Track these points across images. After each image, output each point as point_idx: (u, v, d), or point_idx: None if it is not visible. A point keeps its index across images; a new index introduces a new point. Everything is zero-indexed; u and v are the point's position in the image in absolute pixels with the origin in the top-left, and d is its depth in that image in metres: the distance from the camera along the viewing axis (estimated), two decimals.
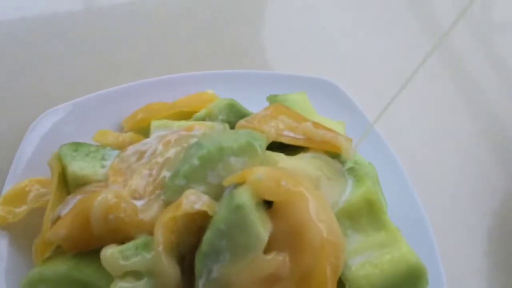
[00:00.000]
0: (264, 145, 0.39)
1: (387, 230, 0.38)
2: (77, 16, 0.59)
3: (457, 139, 0.62)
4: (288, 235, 0.34)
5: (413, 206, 0.49)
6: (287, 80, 0.52)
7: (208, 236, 0.33)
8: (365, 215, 0.38)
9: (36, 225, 0.40)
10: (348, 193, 0.39)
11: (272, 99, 0.46)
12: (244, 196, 0.33)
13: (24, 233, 0.41)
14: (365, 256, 0.37)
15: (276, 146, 0.41)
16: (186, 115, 0.46)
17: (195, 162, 0.35)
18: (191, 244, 0.35)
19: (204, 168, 0.36)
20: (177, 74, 0.52)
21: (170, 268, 0.33)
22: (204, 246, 0.33)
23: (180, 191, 0.35)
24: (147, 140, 0.41)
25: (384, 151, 0.49)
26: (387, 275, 0.36)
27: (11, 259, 0.40)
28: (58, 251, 0.38)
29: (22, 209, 0.41)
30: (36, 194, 0.42)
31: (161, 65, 0.57)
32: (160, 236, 0.33)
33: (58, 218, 0.37)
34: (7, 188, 0.43)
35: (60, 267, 0.36)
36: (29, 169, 0.44)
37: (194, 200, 0.34)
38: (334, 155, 0.41)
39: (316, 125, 0.41)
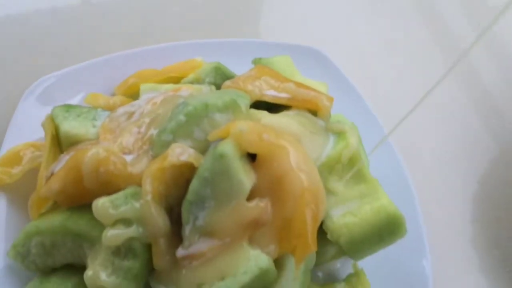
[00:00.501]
0: (248, 103, 0.40)
1: (367, 182, 0.40)
2: None
3: (445, 104, 0.62)
4: (270, 185, 0.35)
5: (396, 168, 0.50)
6: (274, 48, 0.53)
7: (193, 184, 0.34)
8: (346, 168, 0.40)
9: (32, 185, 0.41)
10: (330, 148, 0.40)
11: (257, 61, 0.47)
12: (227, 146, 0.34)
13: (21, 193, 0.43)
14: (346, 206, 0.39)
15: (262, 107, 0.42)
16: (175, 81, 0.48)
17: (182, 118, 0.37)
18: (179, 196, 0.36)
19: (190, 124, 0.37)
20: (167, 43, 0.53)
21: (158, 216, 0.34)
22: (190, 194, 0.34)
23: (167, 146, 0.36)
24: (136, 101, 0.42)
25: (367, 113, 0.50)
26: (367, 223, 0.38)
27: (9, 217, 0.42)
28: (53, 207, 0.40)
29: (18, 170, 0.43)
30: (31, 157, 0.44)
31: (152, 35, 0.59)
32: (148, 185, 0.34)
33: (52, 175, 0.38)
34: (3, 152, 0.44)
35: (54, 220, 0.37)
36: (24, 134, 0.45)
37: (180, 152, 0.35)
38: (317, 113, 0.42)
39: (299, 84, 0.42)
